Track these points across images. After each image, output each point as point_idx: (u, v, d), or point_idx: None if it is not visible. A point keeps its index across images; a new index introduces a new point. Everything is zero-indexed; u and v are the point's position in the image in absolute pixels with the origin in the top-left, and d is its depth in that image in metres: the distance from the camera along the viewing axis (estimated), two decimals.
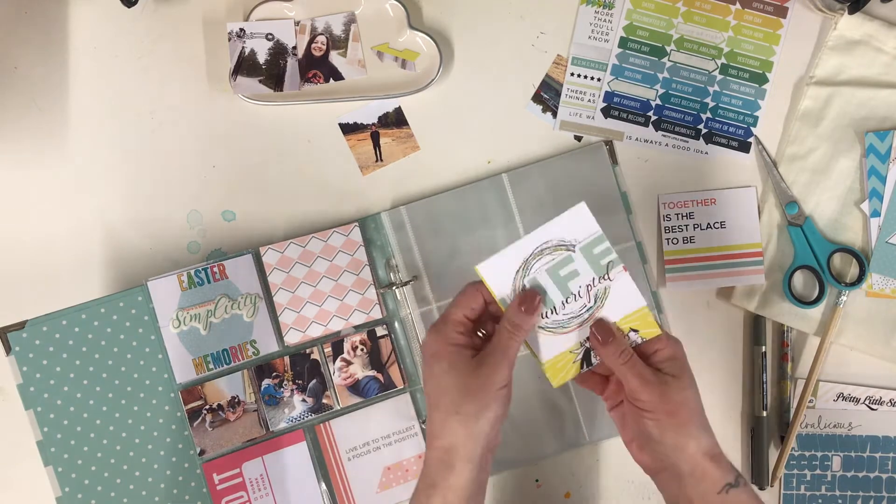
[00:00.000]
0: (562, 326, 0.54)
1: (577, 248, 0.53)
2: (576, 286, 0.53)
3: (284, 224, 0.69)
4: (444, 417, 0.52)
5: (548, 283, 0.53)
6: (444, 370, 0.52)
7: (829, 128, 0.69)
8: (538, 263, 0.53)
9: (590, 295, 0.53)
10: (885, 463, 0.69)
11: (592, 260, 0.53)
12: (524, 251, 0.53)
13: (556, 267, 0.53)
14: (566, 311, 0.54)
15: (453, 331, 0.53)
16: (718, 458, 0.52)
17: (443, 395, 0.52)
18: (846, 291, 0.68)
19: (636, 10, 0.70)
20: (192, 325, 0.64)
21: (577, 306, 0.53)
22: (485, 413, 0.51)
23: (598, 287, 0.53)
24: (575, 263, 0.53)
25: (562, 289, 0.53)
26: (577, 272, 0.53)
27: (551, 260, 0.53)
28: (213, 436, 0.64)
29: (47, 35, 0.70)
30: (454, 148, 0.70)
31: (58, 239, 0.69)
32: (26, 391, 0.64)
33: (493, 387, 0.51)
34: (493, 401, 0.51)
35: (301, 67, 0.70)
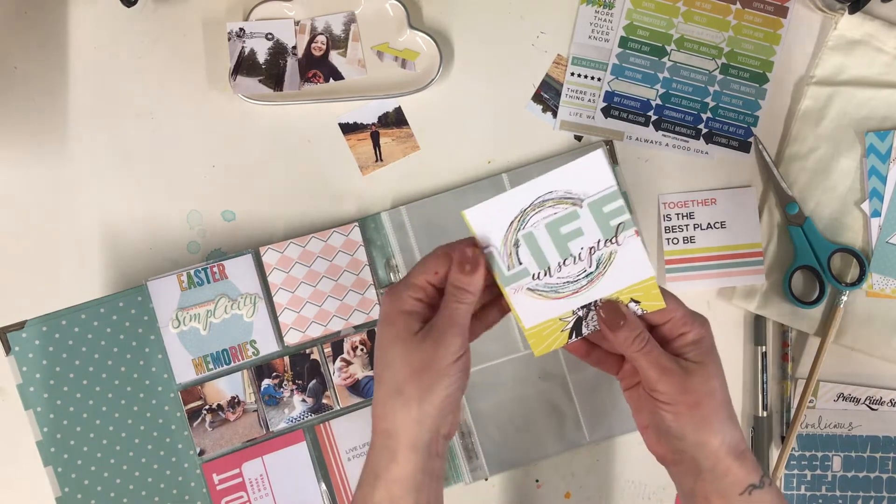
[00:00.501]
0: (554, 291, 0.48)
1: (586, 203, 0.46)
2: (577, 247, 0.47)
3: (284, 224, 0.69)
4: (386, 397, 0.46)
5: (545, 241, 0.47)
6: (390, 340, 0.47)
7: (829, 128, 0.69)
8: (537, 216, 0.46)
9: (591, 259, 0.47)
10: (886, 463, 0.69)
11: (601, 219, 0.46)
12: (522, 200, 0.46)
13: (557, 223, 0.46)
14: (562, 274, 0.47)
15: (410, 295, 0.47)
16: (744, 455, 0.48)
17: (386, 368, 0.47)
18: (846, 291, 0.68)
19: (636, 10, 0.70)
20: (191, 325, 0.64)
21: (576, 270, 0.47)
22: (430, 396, 0.45)
23: (603, 251, 0.47)
24: (580, 221, 0.46)
25: (560, 248, 0.47)
26: (580, 231, 0.46)
27: (553, 214, 0.46)
28: (212, 436, 0.64)
29: (47, 35, 0.70)
30: (454, 148, 0.70)
31: (58, 239, 0.69)
32: (26, 391, 0.63)
33: (441, 362, 0.45)
34: (442, 379, 0.45)
35: (301, 67, 0.69)
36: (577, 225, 0.46)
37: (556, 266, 0.47)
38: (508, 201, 0.46)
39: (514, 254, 0.47)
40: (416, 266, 0.49)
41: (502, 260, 0.47)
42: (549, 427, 0.68)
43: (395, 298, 0.48)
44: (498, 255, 0.47)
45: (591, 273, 0.47)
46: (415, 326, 0.47)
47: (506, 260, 0.47)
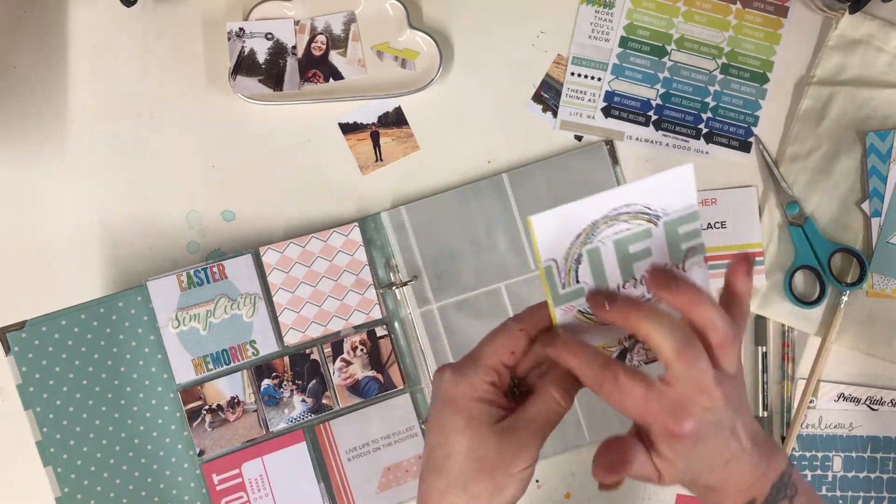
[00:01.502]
0: None
1: (662, 221, 0.41)
2: (641, 269, 0.41)
3: (284, 224, 0.69)
4: (446, 489, 0.42)
5: (610, 259, 0.41)
6: (459, 429, 0.41)
7: (829, 127, 0.69)
8: (608, 230, 0.41)
9: None
10: (886, 463, 0.69)
11: (673, 241, 0.41)
12: (597, 210, 0.41)
13: (626, 240, 0.41)
14: None
15: (483, 379, 0.42)
16: None
17: (449, 459, 0.42)
18: (847, 291, 0.68)
19: (636, 10, 0.70)
20: (191, 325, 0.64)
21: (634, 295, 0.42)
22: (497, 497, 0.41)
23: None
24: (651, 240, 0.41)
25: (623, 269, 0.41)
26: (649, 252, 0.41)
27: (626, 230, 0.41)
28: (212, 436, 0.64)
29: (47, 35, 0.70)
30: (454, 148, 0.70)
31: (57, 239, 0.69)
32: (25, 391, 0.63)
33: (518, 466, 0.41)
34: (513, 483, 0.41)
35: (301, 67, 0.69)
36: (647, 244, 0.41)
37: (614, 288, 0.42)
38: (581, 210, 0.41)
39: (573, 270, 0.42)
40: (485, 343, 0.43)
41: (559, 276, 0.42)
42: None
43: (462, 381, 0.42)
44: (556, 271, 0.42)
45: (649, 300, 0.42)
46: (488, 417, 0.42)
47: (563, 277, 0.42)
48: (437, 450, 0.42)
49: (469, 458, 0.41)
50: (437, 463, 0.42)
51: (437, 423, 0.42)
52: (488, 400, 0.42)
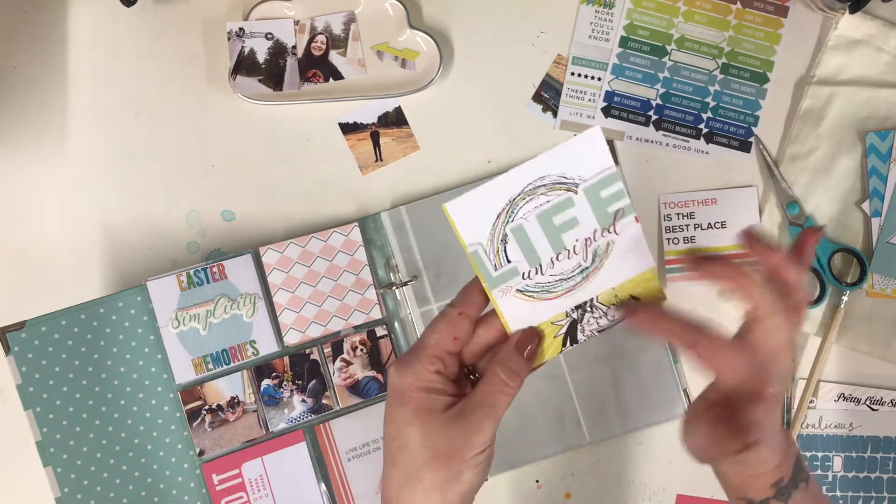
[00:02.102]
0: (546, 291, 0.42)
1: (581, 188, 0.41)
2: (571, 239, 0.41)
3: (284, 224, 0.69)
4: (402, 481, 0.42)
5: (536, 234, 0.41)
6: (408, 420, 0.41)
7: (829, 127, 0.69)
8: (527, 206, 0.41)
9: (587, 252, 0.42)
10: (886, 463, 0.69)
11: (598, 206, 0.41)
12: (511, 188, 0.41)
13: (549, 212, 0.41)
14: (554, 270, 0.42)
15: (427, 367, 0.42)
16: None
17: (402, 451, 0.42)
18: (847, 291, 0.68)
19: (637, 10, 0.70)
20: (191, 325, 0.64)
21: (570, 266, 0.42)
22: (454, 485, 0.41)
23: (599, 242, 0.42)
24: (575, 209, 0.41)
25: (553, 242, 0.41)
26: (575, 221, 0.41)
27: (545, 202, 0.41)
28: (212, 436, 0.64)
29: (47, 35, 0.70)
30: (454, 148, 0.70)
31: (57, 239, 0.69)
32: (25, 391, 0.63)
33: (471, 451, 0.41)
34: (469, 468, 0.41)
35: (301, 67, 0.69)
36: (571, 214, 0.41)
37: (548, 262, 0.42)
38: (495, 190, 0.41)
39: (501, 251, 0.42)
40: (427, 331, 0.43)
41: (488, 259, 0.42)
42: (549, 427, 0.68)
43: (407, 372, 0.42)
44: (483, 254, 0.42)
45: (587, 268, 0.42)
46: (436, 405, 0.42)
47: (492, 258, 0.42)
48: (390, 443, 0.43)
49: (421, 447, 0.41)
50: (392, 456, 0.43)
51: (389, 417, 0.43)
52: (435, 389, 0.42)
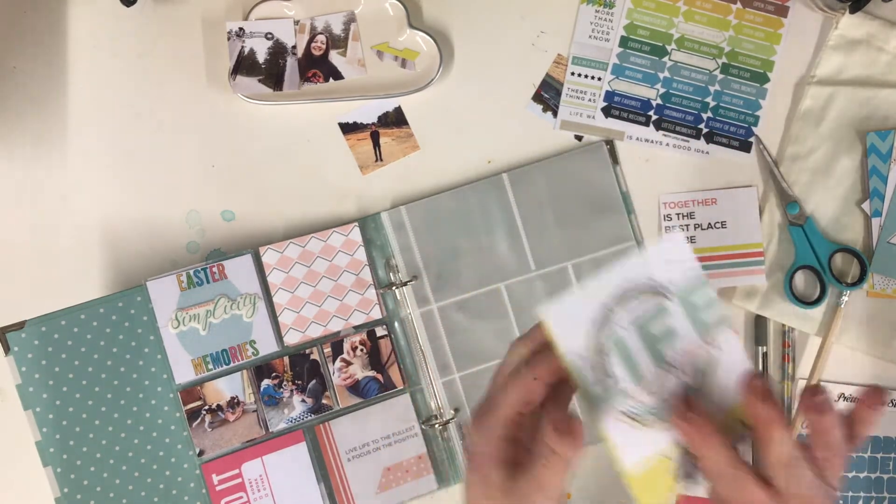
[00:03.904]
0: (653, 414, 0.37)
1: (675, 294, 0.38)
2: (672, 351, 0.37)
3: (284, 224, 0.69)
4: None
5: (636, 345, 0.37)
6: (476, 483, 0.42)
7: (830, 127, 0.69)
8: (623, 313, 0.37)
9: (689, 367, 0.37)
10: (887, 463, 0.69)
11: (692, 313, 0.38)
12: (603, 292, 0.37)
13: (647, 321, 0.37)
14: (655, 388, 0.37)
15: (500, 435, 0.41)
16: None
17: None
18: (847, 292, 0.68)
19: (637, 10, 0.70)
20: (191, 325, 0.64)
21: (673, 384, 0.37)
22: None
23: (699, 356, 0.37)
24: (671, 317, 0.37)
25: (653, 355, 0.37)
26: (673, 331, 0.37)
27: (642, 310, 0.37)
28: (212, 436, 0.64)
29: (47, 35, 0.70)
30: (454, 148, 0.70)
31: (57, 239, 0.68)
32: (25, 391, 0.63)
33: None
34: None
35: (301, 67, 0.69)
36: (668, 323, 0.37)
37: (651, 378, 0.37)
38: (588, 294, 0.37)
39: (601, 363, 0.38)
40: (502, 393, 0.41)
41: (589, 371, 0.38)
42: None
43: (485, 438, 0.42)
44: (583, 365, 0.38)
45: (693, 388, 0.38)
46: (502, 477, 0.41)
47: (592, 371, 0.38)
48: None
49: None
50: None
51: (466, 481, 0.43)
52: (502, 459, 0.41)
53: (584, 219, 0.68)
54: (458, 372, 0.67)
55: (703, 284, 0.38)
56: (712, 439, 0.38)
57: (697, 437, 0.38)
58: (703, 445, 0.38)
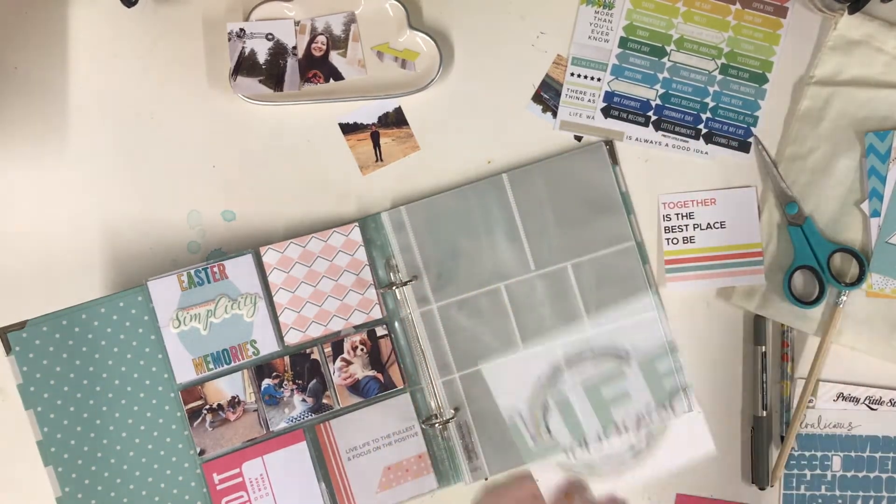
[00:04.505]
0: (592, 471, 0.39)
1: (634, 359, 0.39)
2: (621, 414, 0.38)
3: (284, 224, 0.69)
4: None
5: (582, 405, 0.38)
6: None
7: (829, 128, 0.69)
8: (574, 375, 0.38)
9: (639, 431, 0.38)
10: (886, 463, 0.69)
11: (653, 380, 0.39)
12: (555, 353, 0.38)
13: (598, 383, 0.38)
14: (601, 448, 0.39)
15: None
16: None
17: None
18: (846, 291, 0.68)
19: (636, 10, 0.70)
20: (192, 325, 0.64)
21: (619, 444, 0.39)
22: None
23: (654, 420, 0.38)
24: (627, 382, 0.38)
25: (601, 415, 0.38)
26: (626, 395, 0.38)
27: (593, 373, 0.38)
28: (213, 436, 0.64)
29: (47, 35, 0.70)
30: (454, 148, 0.70)
31: (58, 239, 0.69)
32: (26, 391, 0.63)
33: None
34: None
35: (301, 67, 0.70)
36: (622, 387, 0.38)
37: (594, 437, 0.38)
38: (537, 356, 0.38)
39: (541, 421, 0.39)
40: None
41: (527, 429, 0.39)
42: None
43: None
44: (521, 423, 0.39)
45: (640, 450, 0.39)
46: None
47: (531, 429, 0.39)
48: None
49: None
50: None
51: None
52: None
53: (584, 219, 0.68)
54: (458, 371, 0.67)
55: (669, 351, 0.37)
56: None
57: None
58: None
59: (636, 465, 0.37)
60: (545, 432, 0.38)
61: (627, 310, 0.35)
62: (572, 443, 0.37)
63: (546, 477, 0.38)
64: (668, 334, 0.36)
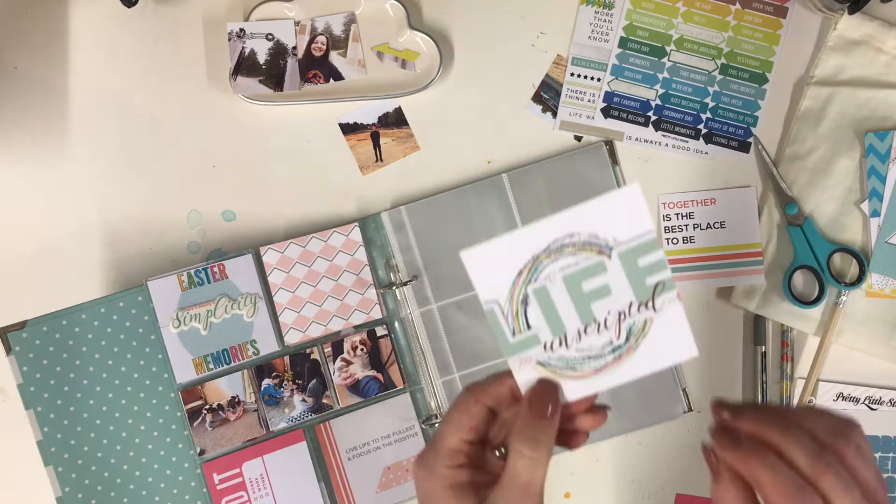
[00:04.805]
0: (570, 367, 0.38)
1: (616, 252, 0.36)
2: (602, 310, 0.37)
3: (284, 224, 0.69)
4: None
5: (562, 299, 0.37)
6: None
7: (828, 128, 0.69)
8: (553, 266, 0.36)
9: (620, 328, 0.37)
10: (886, 463, 0.69)
11: (635, 275, 0.36)
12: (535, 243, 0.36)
13: (578, 276, 0.37)
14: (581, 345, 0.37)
15: (447, 465, 0.38)
16: None
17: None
18: (846, 291, 0.68)
19: (636, 10, 0.70)
20: (192, 325, 0.64)
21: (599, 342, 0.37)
22: None
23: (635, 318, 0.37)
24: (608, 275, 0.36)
25: (581, 311, 0.37)
26: (607, 289, 0.37)
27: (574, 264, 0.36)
28: (213, 436, 0.64)
29: (47, 35, 0.70)
30: (454, 148, 0.70)
31: (58, 239, 0.69)
32: (26, 391, 0.64)
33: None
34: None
35: (301, 67, 0.70)
36: (603, 280, 0.36)
37: (574, 334, 0.37)
38: (518, 243, 0.36)
39: (521, 313, 0.38)
40: (443, 424, 0.39)
41: (506, 321, 0.38)
42: None
43: (428, 473, 0.38)
44: (501, 315, 0.38)
45: (619, 347, 0.37)
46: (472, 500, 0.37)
47: (511, 321, 0.38)
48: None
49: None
50: None
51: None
52: (460, 484, 0.38)
53: None
54: (458, 371, 0.67)
55: (651, 246, 0.36)
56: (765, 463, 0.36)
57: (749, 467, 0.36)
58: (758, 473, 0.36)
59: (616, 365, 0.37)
60: (525, 326, 0.37)
61: None
62: (552, 338, 0.37)
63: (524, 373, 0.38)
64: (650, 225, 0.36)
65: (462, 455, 0.39)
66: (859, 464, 0.37)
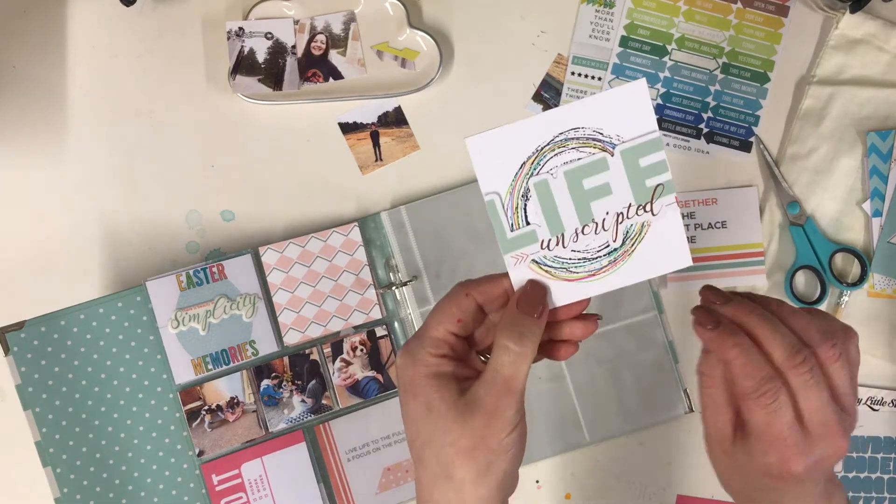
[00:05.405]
0: (564, 269, 0.37)
1: (619, 149, 0.35)
2: (601, 210, 0.36)
3: (284, 224, 0.69)
4: (433, 482, 0.38)
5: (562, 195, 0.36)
6: (423, 414, 0.38)
7: (830, 127, 0.69)
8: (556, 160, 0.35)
9: (617, 230, 0.36)
10: (887, 464, 0.69)
11: (635, 175, 0.35)
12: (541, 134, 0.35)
13: (579, 172, 0.36)
14: (578, 246, 0.37)
15: (431, 353, 0.38)
16: None
17: (426, 448, 0.38)
18: (848, 291, 0.68)
19: (637, 9, 0.70)
20: (190, 325, 0.64)
21: (596, 243, 0.36)
22: (487, 477, 0.37)
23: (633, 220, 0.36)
24: (609, 173, 0.35)
25: (580, 209, 0.36)
26: (608, 188, 0.36)
27: (576, 158, 0.35)
28: (212, 436, 0.64)
29: (46, 34, 0.70)
30: (454, 148, 0.70)
31: (56, 239, 0.68)
32: (25, 392, 0.63)
33: (497, 437, 0.36)
34: (499, 456, 0.37)
35: (300, 66, 0.69)
36: (604, 179, 0.36)
37: (571, 233, 0.36)
38: (523, 133, 0.35)
39: (520, 208, 0.37)
40: (431, 315, 0.39)
41: (505, 215, 0.38)
42: (548, 427, 0.67)
43: (412, 361, 0.38)
44: (500, 208, 0.37)
45: (615, 250, 0.37)
46: (449, 393, 0.37)
47: (510, 216, 0.38)
48: (413, 442, 0.39)
49: (443, 443, 0.37)
50: (417, 455, 0.39)
51: (405, 413, 0.39)
52: (444, 374, 0.38)
53: None
54: None
55: (655, 146, 0.36)
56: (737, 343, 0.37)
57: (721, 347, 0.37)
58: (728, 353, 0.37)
59: (611, 269, 0.37)
60: (524, 222, 0.37)
61: None
62: (550, 237, 0.37)
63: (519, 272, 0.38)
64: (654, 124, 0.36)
65: (447, 346, 0.39)
66: (837, 368, 0.37)
